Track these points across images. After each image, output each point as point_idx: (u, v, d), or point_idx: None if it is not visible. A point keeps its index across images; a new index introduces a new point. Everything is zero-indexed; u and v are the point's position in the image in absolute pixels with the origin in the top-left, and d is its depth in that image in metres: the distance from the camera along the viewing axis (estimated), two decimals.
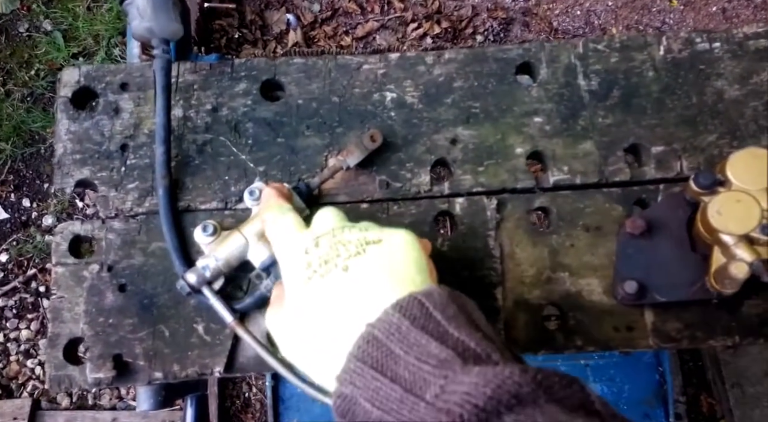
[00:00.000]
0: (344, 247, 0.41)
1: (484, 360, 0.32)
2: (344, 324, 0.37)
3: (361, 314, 0.37)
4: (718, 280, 0.50)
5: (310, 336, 0.40)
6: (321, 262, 0.41)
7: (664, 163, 0.58)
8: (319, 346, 0.39)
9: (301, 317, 0.41)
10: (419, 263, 0.41)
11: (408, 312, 0.35)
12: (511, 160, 0.59)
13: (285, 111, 0.61)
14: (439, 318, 0.34)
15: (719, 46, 0.61)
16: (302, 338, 0.41)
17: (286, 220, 0.47)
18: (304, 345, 0.41)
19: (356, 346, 0.35)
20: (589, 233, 0.57)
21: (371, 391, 0.33)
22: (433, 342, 0.33)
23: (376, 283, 0.38)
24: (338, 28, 1.90)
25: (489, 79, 0.61)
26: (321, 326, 0.39)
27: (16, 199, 1.84)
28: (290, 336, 0.42)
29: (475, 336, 0.34)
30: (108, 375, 0.53)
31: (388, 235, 0.42)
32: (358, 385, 0.34)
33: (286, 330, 0.43)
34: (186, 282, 0.52)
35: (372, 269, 0.39)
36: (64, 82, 0.60)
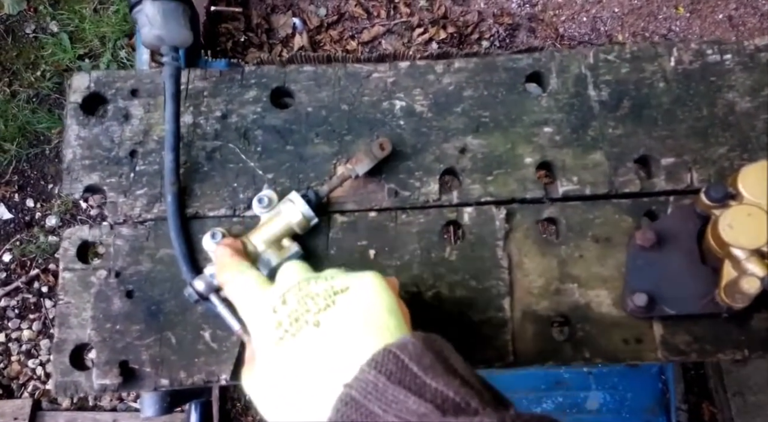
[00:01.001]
0: (312, 301, 0.40)
1: (464, 409, 0.32)
2: (321, 385, 0.36)
3: (337, 372, 0.36)
4: (729, 294, 0.50)
5: (287, 398, 0.38)
6: (291, 320, 0.39)
7: (675, 175, 0.58)
8: (297, 409, 0.38)
9: (276, 379, 0.39)
10: (390, 307, 0.40)
11: (384, 367, 0.34)
12: (520, 169, 0.59)
13: (294, 118, 0.61)
14: (415, 370, 0.34)
15: (730, 58, 0.61)
16: (279, 400, 0.39)
17: (247, 279, 0.45)
18: (281, 407, 0.39)
19: (335, 410, 0.34)
20: (599, 244, 0.57)
21: None
22: (411, 396, 0.32)
23: (349, 337, 0.37)
24: (344, 32, 1.90)
25: (499, 89, 0.61)
26: (297, 387, 0.38)
27: (20, 199, 1.84)
28: (266, 398, 0.40)
29: (454, 385, 0.33)
30: (114, 381, 0.53)
31: (355, 281, 0.41)
32: None
33: (261, 392, 0.41)
34: (194, 290, 0.52)
35: (343, 322, 0.38)
36: (74, 88, 0.60)
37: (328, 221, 0.58)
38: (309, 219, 0.55)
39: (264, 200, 0.56)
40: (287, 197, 0.55)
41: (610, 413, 1.26)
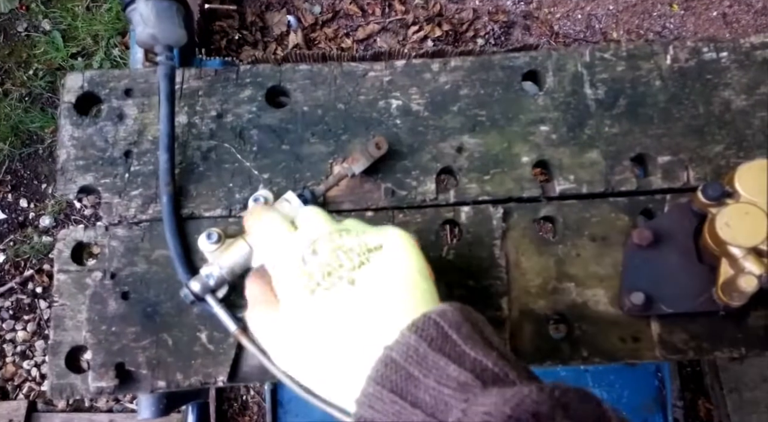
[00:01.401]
0: (345, 256, 0.40)
1: (502, 380, 0.32)
2: (356, 344, 0.37)
3: (375, 333, 0.36)
4: (726, 292, 0.50)
5: (315, 351, 0.39)
6: (323, 274, 0.39)
7: (671, 173, 0.58)
8: (329, 364, 0.38)
9: (305, 330, 0.39)
10: (422, 268, 0.40)
11: (424, 333, 0.34)
12: (517, 168, 0.59)
13: (290, 118, 0.61)
14: (455, 339, 0.34)
15: (726, 56, 0.61)
16: (306, 352, 0.39)
17: (272, 217, 0.45)
18: (308, 359, 0.40)
19: (374, 370, 0.34)
20: (596, 243, 0.57)
21: (392, 415, 0.33)
22: (452, 364, 0.33)
23: (386, 298, 0.38)
24: (339, 30, 1.89)
25: (495, 87, 0.61)
26: (329, 343, 0.38)
27: (13, 199, 1.83)
28: (290, 348, 0.41)
29: (492, 356, 0.33)
30: (110, 383, 0.53)
31: (387, 240, 0.41)
32: (378, 409, 0.33)
33: (283, 340, 0.41)
34: (190, 291, 0.52)
35: (380, 282, 0.39)
36: (67, 88, 0.60)
37: None
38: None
39: (260, 200, 0.55)
40: (283, 197, 0.55)
41: None
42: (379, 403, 0.33)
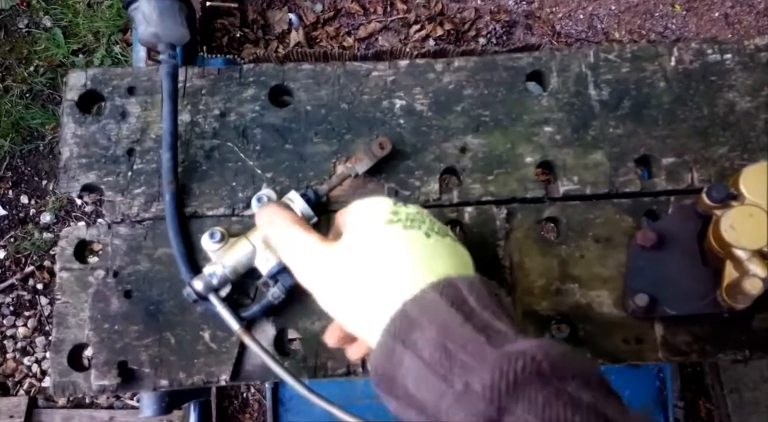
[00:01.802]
0: (431, 222, 0.43)
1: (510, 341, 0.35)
2: (409, 277, 0.39)
3: (427, 274, 0.39)
4: (731, 295, 0.50)
5: (362, 285, 0.40)
6: (408, 218, 0.42)
7: (675, 175, 0.58)
8: (367, 300, 0.39)
9: (366, 251, 0.41)
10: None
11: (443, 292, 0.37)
12: (520, 169, 0.59)
13: (293, 117, 0.61)
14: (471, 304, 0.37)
15: (731, 58, 0.61)
16: (351, 286, 0.40)
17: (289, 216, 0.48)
18: (349, 293, 0.41)
19: (391, 321, 0.37)
20: (599, 244, 0.57)
21: (396, 364, 0.35)
22: (465, 323, 0.35)
23: (448, 257, 0.41)
24: (340, 28, 1.89)
25: (499, 88, 0.61)
26: (384, 269, 0.40)
27: (14, 195, 1.82)
28: (339, 282, 0.41)
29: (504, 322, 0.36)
30: (113, 382, 0.53)
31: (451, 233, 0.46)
32: (387, 356, 0.36)
33: (342, 259, 0.42)
34: (193, 290, 0.52)
35: (448, 247, 0.42)
36: (70, 86, 0.60)
37: (328, 220, 0.58)
38: (308, 219, 0.54)
39: (263, 199, 0.55)
40: (286, 196, 0.55)
41: None
42: (389, 351, 0.36)
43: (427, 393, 0.34)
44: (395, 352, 0.35)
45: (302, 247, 0.44)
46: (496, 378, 0.31)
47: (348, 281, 0.40)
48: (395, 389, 0.36)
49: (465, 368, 0.33)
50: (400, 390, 0.35)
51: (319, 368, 0.55)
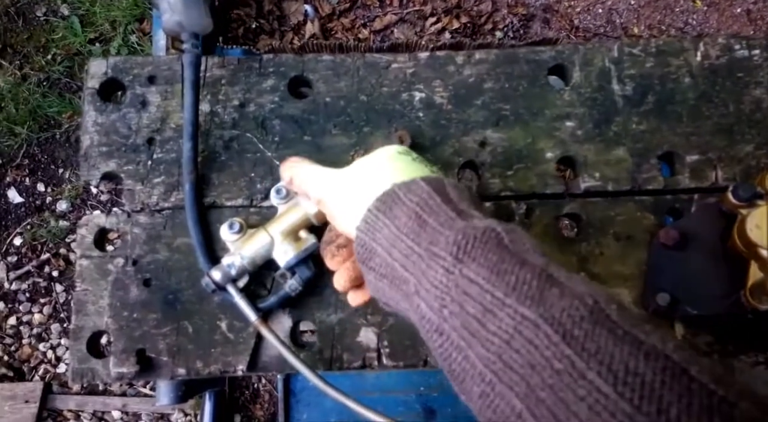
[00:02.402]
0: (439, 169, 0.48)
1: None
2: (403, 175, 0.43)
3: (419, 174, 0.43)
4: (755, 296, 0.49)
5: (367, 177, 0.44)
6: (416, 157, 0.47)
7: (699, 173, 0.57)
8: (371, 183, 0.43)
9: (369, 164, 0.45)
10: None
11: (458, 188, 0.42)
12: (540, 164, 0.58)
13: (312, 108, 0.60)
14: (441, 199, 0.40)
15: (758, 53, 0.59)
16: (359, 178, 0.45)
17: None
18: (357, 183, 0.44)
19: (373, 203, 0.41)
20: (620, 242, 0.56)
21: (380, 225, 0.40)
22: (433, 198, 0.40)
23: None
24: (356, 20, 1.88)
25: (520, 81, 0.60)
26: (382, 171, 0.44)
27: (30, 183, 1.84)
28: (351, 178, 0.45)
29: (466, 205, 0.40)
30: (131, 369, 0.53)
31: None
32: (369, 223, 0.41)
33: (349, 174, 0.46)
34: (211, 280, 0.52)
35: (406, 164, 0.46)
36: (91, 74, 0.60)
37: None
38: None
39: (282, 191, 0.55)
40: None
41: None
42: (371, 223, 0.40)
43: (398, 256, 0.38)
44: (377, 223, 0.40)
45: (320, 173, 0.48)
46: (459, 239, 0.35)
47: (351, 186, 0.44)
48: (373, 259, 0.40)
49: (434, 232, 0.37)
50: (376, 260, 0.40)
51: (334, 360, 0.55)
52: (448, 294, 0.34)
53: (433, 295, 0.35)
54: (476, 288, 0.33)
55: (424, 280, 0.36)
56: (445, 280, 0.35)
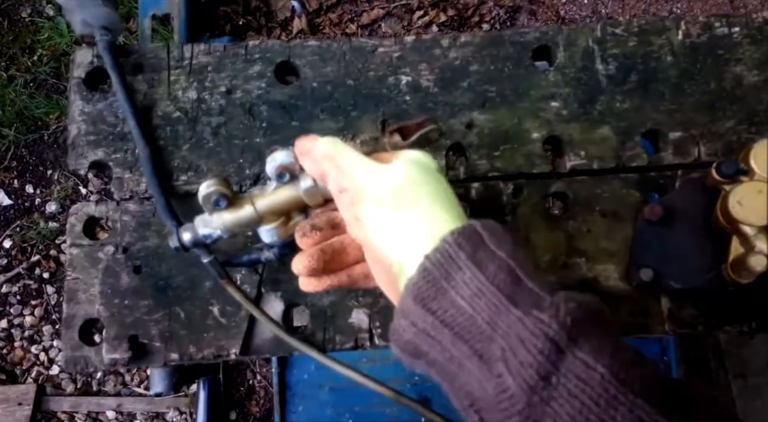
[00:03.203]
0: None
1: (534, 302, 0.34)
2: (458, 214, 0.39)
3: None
4: (735, 270, 0.50)
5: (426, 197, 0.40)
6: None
7: (682, 149, 0.58)
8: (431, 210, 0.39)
9: (426, 178, 0.41)
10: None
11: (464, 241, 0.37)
12: (527, 144, 0.59)
13: (299, 94, 0.61)
14: (493, 249, 0.36)
15: (738, 31, 0.60)
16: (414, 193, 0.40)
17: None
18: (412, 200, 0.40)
19: (411, 281, 0.36)
20: (606, 219, 0.57)
21: (422, 333, 0.35)
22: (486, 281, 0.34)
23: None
24: (343, 15, 1.88)
25: (505, 63, 0.61)
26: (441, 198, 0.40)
27: (19, 185, 1.83)
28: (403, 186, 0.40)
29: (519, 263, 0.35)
30: (124, 355, 0.53)
31: None
32: (413, 322, 0.35)
33: (400, 178, 0.41)
34: (180, 240, 0.48)
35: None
36: (77, 63, 0.60)
37: None
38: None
39: (285, 176, 0.48)
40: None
41: None
42: (447, 260, 0.34)
43: (483, 309, 0.32)
44: (455, 262, 0.34)
45: (366, 164, 0.42)
46: (571, 308, 0.30)
47: (402, 199, 0.39)
48: (438, 301, 0.34)
49: (531, 295, 0.32)
50: (443, 304, 0.33)
51: (327, 342, 0.55)
52: (555, 375, 0.29)
53: (531, 371, 0.29)
54: (597, 377, 0.28)
55: (522, 350, 0.30)
56: (554, 357, 0.29)
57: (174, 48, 0.60)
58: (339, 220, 0.46)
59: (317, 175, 0.44)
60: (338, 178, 0.42)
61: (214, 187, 0.46)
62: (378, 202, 0.39)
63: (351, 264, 0.46)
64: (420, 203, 0.39)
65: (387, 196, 0.39)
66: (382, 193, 0.40)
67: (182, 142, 0.59)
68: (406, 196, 0.39)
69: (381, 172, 0.41)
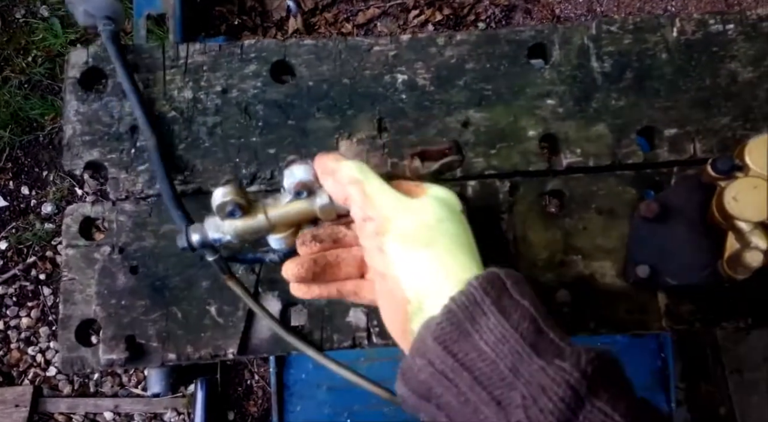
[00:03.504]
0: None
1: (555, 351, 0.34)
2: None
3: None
4: (732, 266, 0.50)
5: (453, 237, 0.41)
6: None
7: (678, 146, 0.58)
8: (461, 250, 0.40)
9: (451, 218, 0.42)
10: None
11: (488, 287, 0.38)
12: (523, 142, 0.59)
13: (295, 93, 0.60)
14: (516, 298, 0.37)
15: (733, 28, 0.61)
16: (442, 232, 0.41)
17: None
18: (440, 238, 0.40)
19: (435, 321, 0.36)
20: (602, 216, 0.57)
21: (440, 376, 0.35)
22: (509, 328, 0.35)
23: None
24: (339, 14, 1.88)
25: (501, 61, 0.61)
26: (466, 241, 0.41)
27: (14, 186, 1.82)
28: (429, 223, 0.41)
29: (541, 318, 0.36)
30: (121, 356, 0.53)
31: None
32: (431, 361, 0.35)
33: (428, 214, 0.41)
34: (188, 241, 0.47)
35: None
36: (72, 63, 0.60)
37: None
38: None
39: (303, 194, 0.46)
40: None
41: None
42: (471, 303, 0.35)
43: (506, 355, 0.33)
44: (480, 307, 0.34)
45: (394, 197, 0.42)
46: (591, 358, 0.31)
47: (429, 238, 0.39)
48: (460, 344, 0.34)
49: (553, 345, 0.33)
50: (465, 347, 0.34)
51: (325, 341, 0.55)
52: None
53: (552, 419, 0.30)
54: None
55: (543, 398, 0.30)
56: (573, 405, 0.30)
57: (169, 47, 0.60)
58: (342, 236, 0.46)
59: (340, 198, 0.44)
60: (364, 206, 0.42)
61: (230, 197, 0.44)
62: (405, 238, 0.40)
63: (342, 278, 0.46)
64: (445, 244, 0.39)
65: (414, 232, 0.40)
66: (409, 229, 0.40)
67: (178, 142, 0.59)
68: (432, 235, 0.39)
69: (409, 207, 0.41)
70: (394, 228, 0.40)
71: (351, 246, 0.46)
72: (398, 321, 0.40)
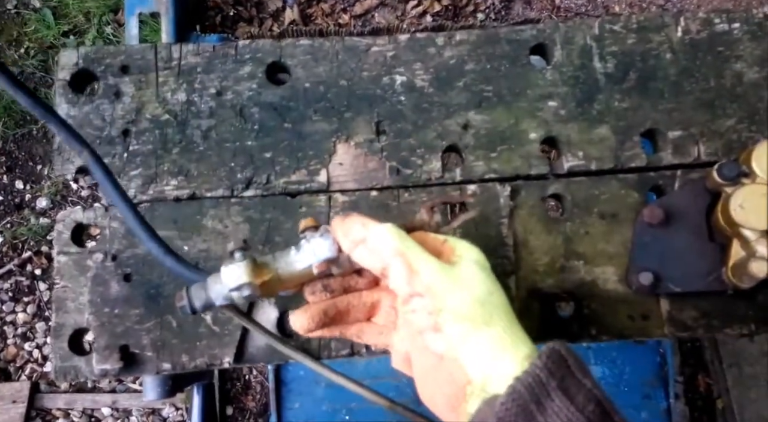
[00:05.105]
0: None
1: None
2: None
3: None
4: (736, 275, 0.49)
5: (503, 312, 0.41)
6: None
7: (682, 148, 0.57)
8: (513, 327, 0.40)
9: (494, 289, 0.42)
10: None
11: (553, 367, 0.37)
12: (524, 145, 0.58)
13: (291, 95, 0.59)
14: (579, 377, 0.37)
15: (738, 27, 0.59)
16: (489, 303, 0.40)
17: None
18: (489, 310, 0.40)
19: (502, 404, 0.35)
20: (605, 220, 0.56)
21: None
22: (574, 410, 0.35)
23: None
24: (336, 5, 1.85)
25: (502, 62, 0.60)
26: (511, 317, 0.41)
27: (8, 180, 1.80)
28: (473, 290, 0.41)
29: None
30: (115, 366, 0.52)
31: None
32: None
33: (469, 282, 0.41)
34: (189, 304, 0.42)
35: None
36: (62, 65, 0.58)
37: (329, 201, 0.57)
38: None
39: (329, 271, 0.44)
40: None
41: (609, 386, 1.27)
42: (538, 385, 0.35)
43: None
44: (546, 389, 0.34)
45: (437, 265, 0.41)
46: None
47: (484, 315, 0.39)
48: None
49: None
50: None
51: (323, 349, 0.54)
52: None
53: None
54: None
55: None
56: None
57: (162, 48, 0.59)
58: (354, 283, 0.45)
59: (377, 268, 0.42)
60: (412, 282, 0.40)
61: (246, 280, 0.41)
62: (462, 317, 0.39)
63: (350, 323, 0.45)
64: (500, 319, 0.39)
65: (471, 311, 0.39)
66: (465, 308, 0.39)
67: (171, 146, 0.57)
68: (487, 311, 0.39)
69: (457, 279, 0.40)
70: (449, 308, 0.39)
71: (361, 291, 0.45)
72: (451, 399, 0.40)
